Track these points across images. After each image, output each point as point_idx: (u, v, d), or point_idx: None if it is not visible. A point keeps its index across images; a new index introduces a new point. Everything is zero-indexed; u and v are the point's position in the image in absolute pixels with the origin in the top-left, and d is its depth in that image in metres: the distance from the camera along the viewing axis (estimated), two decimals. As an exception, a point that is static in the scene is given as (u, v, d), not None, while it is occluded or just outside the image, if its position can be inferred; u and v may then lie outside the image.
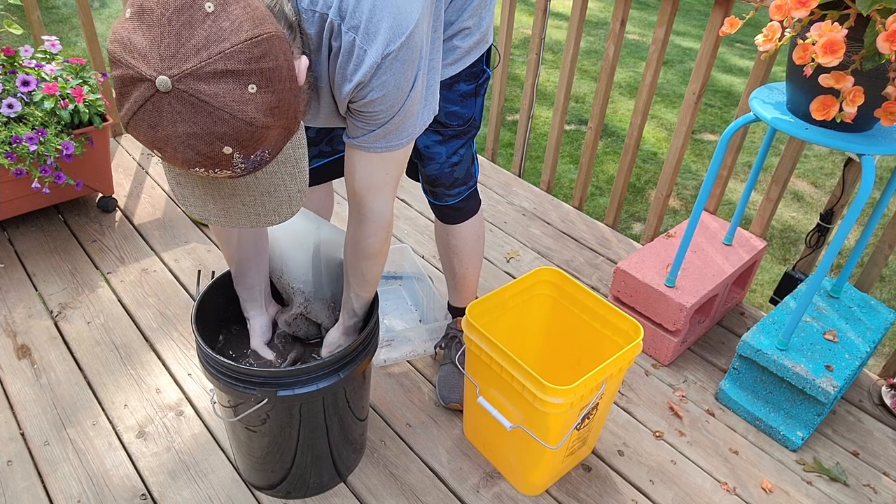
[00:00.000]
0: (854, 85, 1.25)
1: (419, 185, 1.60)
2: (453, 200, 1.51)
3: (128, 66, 0.74)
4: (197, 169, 0.80)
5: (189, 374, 1.74)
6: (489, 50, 1.37)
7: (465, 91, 1.36)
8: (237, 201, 0.90)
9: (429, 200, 1.55)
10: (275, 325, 1.42)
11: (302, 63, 0.86)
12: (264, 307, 1.39)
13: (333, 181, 1.65)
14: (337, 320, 1.37)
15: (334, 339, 1.35)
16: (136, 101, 0.75)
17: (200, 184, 0.89)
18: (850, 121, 1.29)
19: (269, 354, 1.37)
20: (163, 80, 0.73)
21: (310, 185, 1.59)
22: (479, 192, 1.72)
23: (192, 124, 0.75)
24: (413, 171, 1.57)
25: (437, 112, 1.15)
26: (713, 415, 1.74)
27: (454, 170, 1.46)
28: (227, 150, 0.78)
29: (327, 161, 1.54)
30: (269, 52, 0.77)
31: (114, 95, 0.81)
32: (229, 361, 1.16)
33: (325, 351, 1.37)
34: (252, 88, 0.76)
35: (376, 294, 1.35)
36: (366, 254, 1.22)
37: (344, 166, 1.57)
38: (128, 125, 0.78)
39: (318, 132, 1.47)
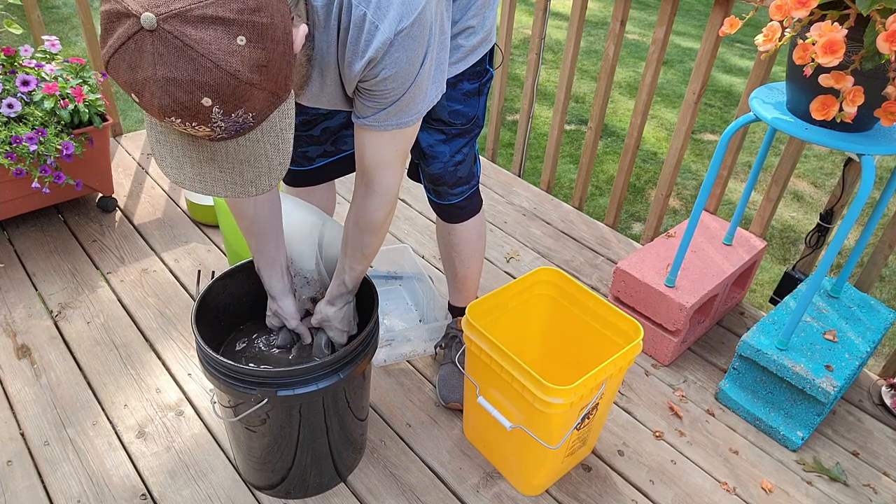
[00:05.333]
0: (854, 85, 1.25)
1: (419, 185, 1.60)
2: (456, 199, 1.51)
3: (115, 0, 0.72)
4: (173, 119, 0.76)
5: (189, 374, 1.74)
6: (492, 49, 1.38)
7: (469, 90, 1.37)
8: (215, 167, 0.87)
9: (431, 200, 1.55)
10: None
11: (300, 30, 0.84)
12: (288, 287, 1.35)
13: (335, 180, 1.65)
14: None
15: (321, 310, 1.33)
16: (118, 38, 0.72)
17: (180, 144, 0.86)
18: (850, 121, 1.29)
19: (306, 333, 1.36)
20: (148, 18, 0.70)
21: (312, 185, 1.59)
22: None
23: (172, 68, 0.72)
24: (414, 172, 1.57)
25: (444, 90, 1.14)
26: (713, 415, 1.74)
27: (458, 168, 1.46)
28: (207, 101, 0.75)
29: (331, 161, 1.54)
30: (264, 6, 0.75)
31: (98, 34, 0.78)
32: (229, 361, 1.16)
33: (314, 320, 1.35)
34: (241, 41, 0.73)
35: (376, 294, 1.35)
36: (369, 227, 1.22)
37: (346, 165, 1.57)
38: (108, 64, 0.75)
39: (323, 131, 1.47)
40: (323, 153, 1.52)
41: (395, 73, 0.97)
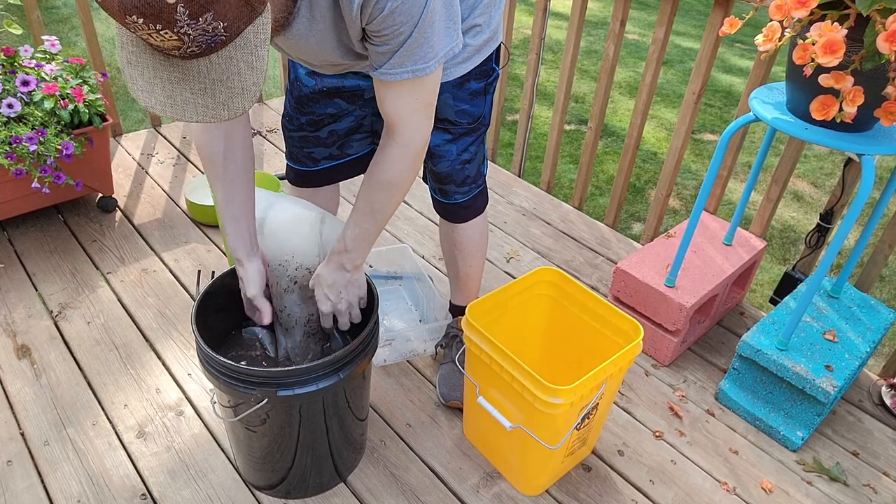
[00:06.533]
0: (854, 85, 1.25)
1: (419, 184, 1.60)
2: (462, 198, 1.51)
3: None
4: (135, 18, 0.71)
5: (189, 374, 1.74)
6: (499, 48, 1.37)
7: (476, 89, 1.36)
8: (185, 88, 0.83)
9: (436, 199, 1.55)
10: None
11: None
12: (254, 249, 1.29)
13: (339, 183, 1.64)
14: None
15: (318, 272, 1.28)
16: None
17: (151, 65, 0.82)
18: (849, 121, 1.29)
19: (266, 307, 1.30)
20: None
21: (316, 186, 1.58)
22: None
23: None
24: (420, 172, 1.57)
25: (461, 44, 1.10)
26: (713, 415, 1.74)
27: (466, 167, 1.46)
28: None
29: (336, 164, 1.53)
30: None
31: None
32: (229, 361, 1.16)
33: (311, 280, 1.30)
34: None
35: (376, 294, 1.35)
36: (381, 180, 1.17)
37: (351, 169, 1.56)
38: None
39: (330, 134, 1.46)
40: (329, 156, 1.51)
41: (402, 3, 0.94)
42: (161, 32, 0.73)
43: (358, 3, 0.93)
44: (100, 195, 2.33)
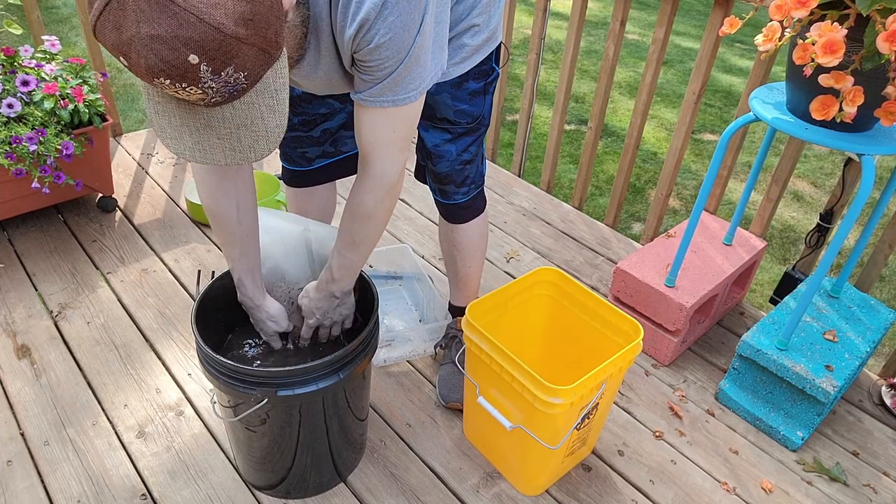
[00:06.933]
0: (854, 85, 1.25)
1: (419, 185, 1.60)
2: (462, 199, 1.51)
3: None
4: (162, 80, 0.76)
5: (189, 374, 1.74)
6: (498, 47, 1.37)
7: (475, 89, 1.36)
8: (212, 134, 0.86)
9: (436, 199, 1.55)
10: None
11: None
12: (264, 289, 1.34)
13: (335, 181, 1.64)
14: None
15: (307, 291, 1.32)
16: (102, 1, 0.73)
17: (177, 113, 0.86)
18: (849, 121, 1.29)
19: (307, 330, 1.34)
20: None
21: (312, 185, 1.58)
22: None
23: (155, 25, 0.72)
24: (419, 174, 1.57)
25: (444, 69, 1.11)
26: (713, 415, 1.74)
27: (465, 168, 1.46)
28: (194, 59, 0.74)
29: (330, 161, 1.54)
30: None
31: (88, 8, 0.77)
32: (229, 361, 1.16)
33: (300, 300, 1.33)
34: None
35: (376, 294, 1.35)
36: (357, 212, 1.19)
37: (346, 166, 1.57)
38: (95, 28, 0.75)
39: (323, 132, 1.46)
40: (322, 154, 1.51)
41: (390, 40, 0.94)
42: (187, 89, 0.77)
43: (350, 33, 0.94)
44: (100, 195, 2.33)
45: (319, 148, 1.49)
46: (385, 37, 0.94)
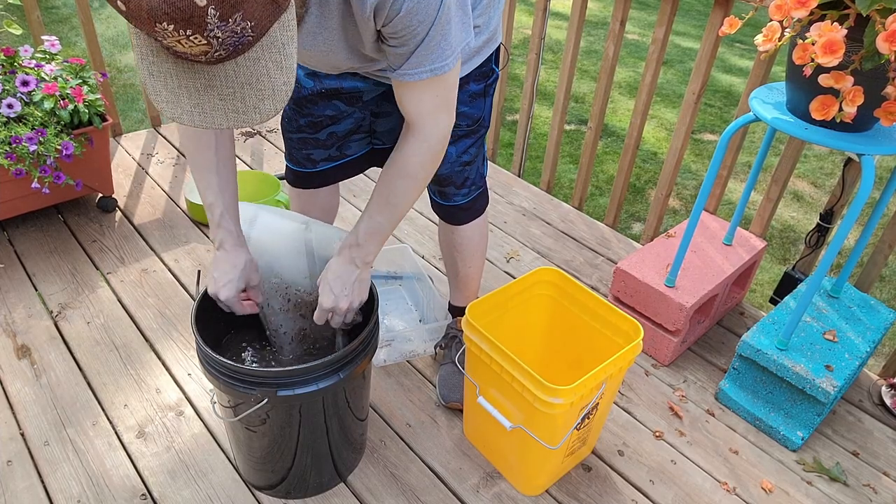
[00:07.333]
0: (854, 85, 1.25)
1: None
2: (462, 200, 1.51)
3: None
4: (165, 25, 0.69)
5: (189, 374, 1.74)
6: (498, 48, 1.37)
7: (475, 91, 1.36)
8: (214, 94, 0.81)
9: (435, 201, 1.54)
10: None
11: None
12: (242, 240, 1.26)
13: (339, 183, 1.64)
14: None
15: (328, 266, 1.26)
16: None
17: (175, 73, 0.80)
18: (849, 121, 1.29)
19: (240, 307, 1.25)
20: None
21: (315, 187, 1.58)
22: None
23: None
24: None
25: (473, 39, 1.09)
26: (713, 415, 1.74)
27: (465, 169, 1.45)
28: (201, 0, 0.68)
29: (335, 165, 1.53)
30: None
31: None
32: (229, 361, 1.16)
33: (319, 280, 1.27)
34: None
35: (376, 294, 1.35)
36: (399, 171, 1.17)
37: (350, 169, 1.56)
38: None
39: (329, 135, 1.45)
40: (328, 157, 1.51)
41: (418, 3, 0.93)
42: (191, 38, 0.72)
43: (371, 5, 0.93)
44: (100, 195, 2.33)
45: (325, 151, 1.49)
46: (413, 1, 0.93)
